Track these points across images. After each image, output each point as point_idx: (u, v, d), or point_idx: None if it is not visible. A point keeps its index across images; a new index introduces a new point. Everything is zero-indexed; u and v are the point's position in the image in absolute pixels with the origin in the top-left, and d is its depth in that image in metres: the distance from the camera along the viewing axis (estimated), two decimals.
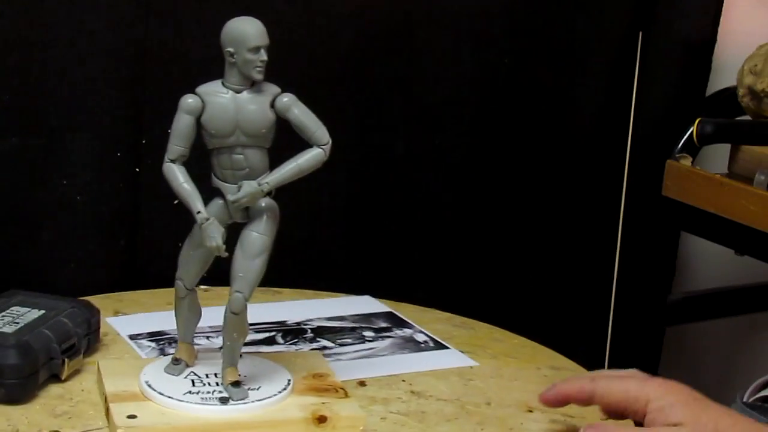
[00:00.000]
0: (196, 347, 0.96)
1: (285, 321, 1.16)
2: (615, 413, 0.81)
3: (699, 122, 1.42)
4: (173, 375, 0.93)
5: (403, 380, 1.02)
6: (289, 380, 0.94)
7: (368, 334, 1.14)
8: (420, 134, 1.41)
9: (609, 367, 1.37)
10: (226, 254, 0.88)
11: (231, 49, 0.86)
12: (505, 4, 1.42)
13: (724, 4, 1.58)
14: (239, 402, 0.90)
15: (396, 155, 1.41)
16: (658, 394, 0.77)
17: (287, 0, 1.31)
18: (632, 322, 1.53)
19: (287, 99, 0.88)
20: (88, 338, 1.01)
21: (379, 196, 1.41)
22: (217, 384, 0.92)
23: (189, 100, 0.88)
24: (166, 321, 1.04)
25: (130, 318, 1.14)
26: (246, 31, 0.86)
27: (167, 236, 1.28)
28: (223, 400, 0.90)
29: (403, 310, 1.21)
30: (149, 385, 0.91)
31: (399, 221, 1.43)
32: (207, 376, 0.94)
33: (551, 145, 1.49)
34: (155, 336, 1.09)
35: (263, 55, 0.86)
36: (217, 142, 0.88)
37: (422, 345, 1.12)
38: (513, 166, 1.48)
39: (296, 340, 1.12)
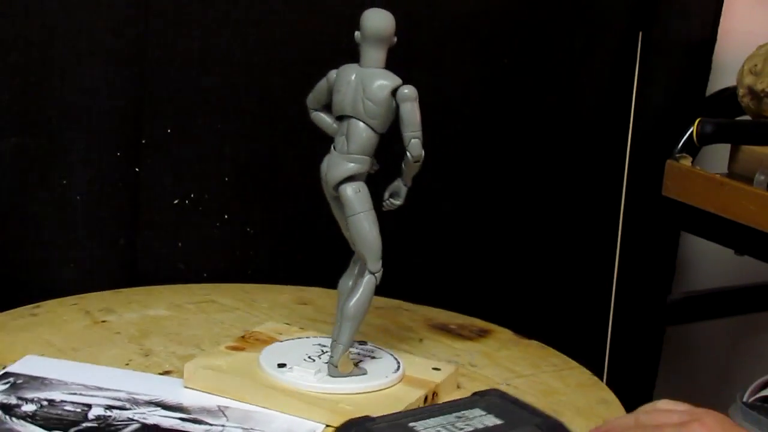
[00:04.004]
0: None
1: None
2: None
3: (699, 122, 1.41)
4: None
5: None
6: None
7: None
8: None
9: (609, 367, 1.38)
10: None
11: None
12: (505, 5, 1.42)
13: (724, 4, 1.58)
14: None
15: (395, 155, 1.41)
16: None
17: (286, 0, 1.31)
18: (632, 322, 1.54)
19: None
20: None
21: (377, 196, 1.41)
22: None
23: None
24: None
25: None
26: None
27: (167, 236, 1.28)
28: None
29: None
30: None
31: (398, 222, 1.43)
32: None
33: (551, 146, 1.49)
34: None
35: None
36: None
37: None
38: (513, 166, 1.48)
39: None
